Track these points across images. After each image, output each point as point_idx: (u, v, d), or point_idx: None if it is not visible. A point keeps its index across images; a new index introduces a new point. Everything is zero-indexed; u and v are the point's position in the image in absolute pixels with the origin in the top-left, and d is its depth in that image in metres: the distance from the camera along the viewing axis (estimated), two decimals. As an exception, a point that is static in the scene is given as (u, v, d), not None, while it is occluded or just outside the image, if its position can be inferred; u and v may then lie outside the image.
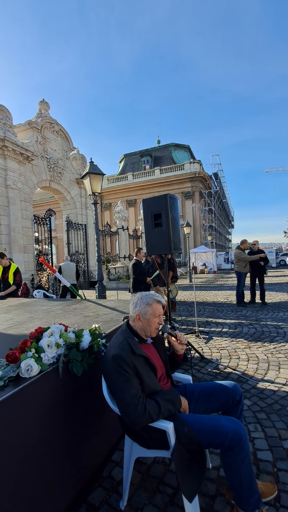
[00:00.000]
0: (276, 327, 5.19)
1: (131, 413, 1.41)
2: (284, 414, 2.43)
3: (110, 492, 1.72)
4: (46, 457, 1.40)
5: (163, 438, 1.45)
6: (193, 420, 1.50)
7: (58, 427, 1.51)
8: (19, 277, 4.82)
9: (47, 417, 1.43)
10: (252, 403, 2.65)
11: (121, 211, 18.91)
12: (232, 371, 3.40)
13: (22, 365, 1.37)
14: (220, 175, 33.39)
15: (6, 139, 10.15)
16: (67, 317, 2.76)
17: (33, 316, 2.88)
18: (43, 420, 1.40)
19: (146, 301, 1.67)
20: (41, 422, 1.39)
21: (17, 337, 2.07)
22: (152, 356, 1.70)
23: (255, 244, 7.95)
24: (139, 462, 1.94)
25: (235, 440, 1.37)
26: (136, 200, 31.40)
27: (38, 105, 13.23)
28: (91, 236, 15.29)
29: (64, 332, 1.71)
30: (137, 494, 1.69)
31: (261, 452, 1.99)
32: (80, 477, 1.66)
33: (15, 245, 10.61)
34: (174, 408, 1.52)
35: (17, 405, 1.24)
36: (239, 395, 1.70)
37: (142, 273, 5.90)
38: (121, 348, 1.55)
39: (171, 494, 1.68)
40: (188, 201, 28.48)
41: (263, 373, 3.28)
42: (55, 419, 1.49)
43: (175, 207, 3.71)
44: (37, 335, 1.63)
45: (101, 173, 6.33)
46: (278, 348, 4.09)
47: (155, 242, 3.64)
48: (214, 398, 1.71)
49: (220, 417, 1.51)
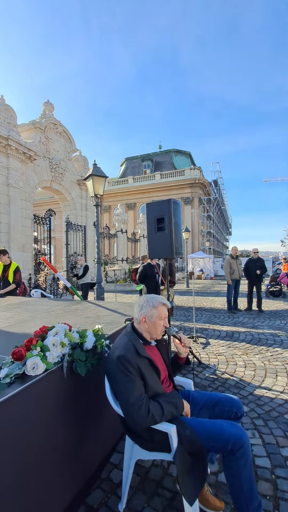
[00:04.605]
0: (273, 335, 5.22)
1: (134, 414, 1.41)
2: (282, 422, 2.44)
3: (109, 494, 1.71)
4: (47, 457, 1.40)
5: (165, 441, 1.45)
6: (195, 424, 1.51)
7: (60, 427, 1.51)
8: (19, 276, 4.81)
9: (50, 416, 1.43)
10: (250, 409, 2.66)
11: (120, 214, 18.96)
12: (229, 377, 3.41)
13: (28, 363, 1.37)
14: (219, 182, 33.67)
15: (10, 138, 10.17)
16: (68, 317, 2.76)
17: (33, 315, 2.87)
18: (46, 419, 1.40)
19: (152, 304, 1.69)
20: (44, 421, 1.39)
21: (19, 336, 2.06)
22: (156, 358, 1.71)
23: (255, 253, 8.01)
24: (138, 465, 1.93)
25: (238, 445, 1.38)
26: (136, 204, 31.51)
27: (43, 106, 13.28)
28: (90, 237, 15.27)
29: (68, 332, 1.72)
30: (136, 497, 1.69)
31: (259, 459, 2.00)
32: (79, 478, 1.66)
33: (14, 244, 10.57)
34: (177, 411, 1.53)
35: (23, 403, 1.24)
36: (241, 412, 1.70)
37: (145, 278, 5.93)
38: (126, 349, 1.55)
39: (170, 498, 1.68)
40: (187, 207, 28.63)
41: (260, 380, 3.30)
42: (58, 418, 1.49)
43: (178, 212, 3.74)
44: (42, 334, 1.63)
45: (104, 176, 6.36)
46: (275, 355, 4.11)
47: (157, 246, 3.66)
48: (218, 409, 1.70)
49: (222, 421, 1.52)
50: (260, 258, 7.98)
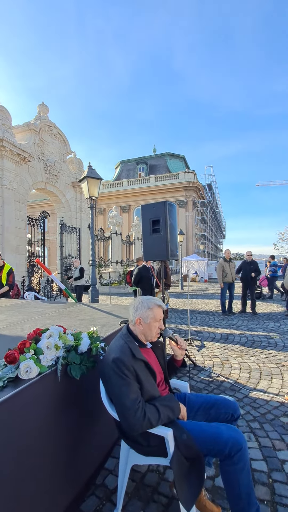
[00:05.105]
0: (267, 337, 5.24)
1: (130, 418, 1.38)
2: (277, 425, 2.43)
3: (104, 501, 1.67)
4: (40, 463, 1.36)
5: (162, 445, 1.42)
6: (192, 427, 1.48)
7: (54, 432, 1.47)
8: (12, 278, 4.73)
9: (43, 420, 1.39)
10: (245, 412, 2.65)
11: (115, 217, 18.93)
12: (224, 379, 3.40)
13: (21, 366, 1.34)
14: (213, 185, 33.95)
15: (4, 139, 10.08)
16: (62, 319, 2.72)
17: (27, 317, 2.82)
18: (40, 424, 1.36)
19: (147, 305, 1.66)
20: (37, 426, 1.35)
21: (12, 338, 2.02)
22: (152, 361, 1.69)
23: (249, 255, 8.07)
24: (133, 470, 1.90)
25: (235, 448, 1.36)
26: (130, 206, 31.52)
27: (38, 108, 13.24)
28: (84, 240, 15.19)
29: (63, 334, 1.68)
30: (131, 503, 1.65)
31: (256, 462, 1.98)
32: (74, 484, 1.62)
33: (8, 246, 10.44)
34: (173, 415, 1.50)
35: (16, 407, 1.20)
36: (237, 413, 1.68)
37: (140, 280, 5.91)
38: (122, 351, 1.53)
39: (166, 504, 1.64)
40: (182, 210, 28.76)
41: (256, 383, 3.29)
42: (52, 423, 1.45)
43: (173, 214, 3.74)
44: (36, 336, 1.59)
45: (99, 178, 6.34)
46: (270, 358, 4.11)
47: (152, 247, 3.64)
48: (214, 411, 1.68)
49: (220, 424, 1.50)
50: (254, 261, 8.04)
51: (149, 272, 5.83)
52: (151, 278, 5.86)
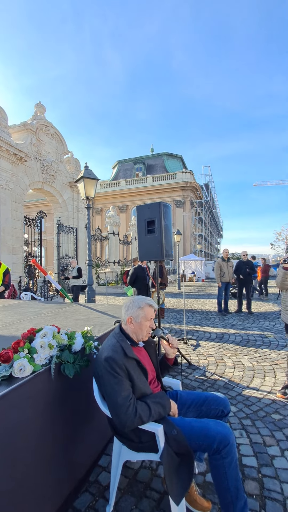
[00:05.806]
0: (261, 336, 5.30)
1: (121, 415, 1.42)
2: (269, 421, 2.48)
3: (97, 497, 1.70)
4: (34, 461, 1.39)
5: (153, 441, 1.46)
6: (182, 423, 1.52)
7: (48, 430, 1.50)
8: (8, 278, 4.75)
9: (37, 418, 1.42)
10: (238, 409, 2.70)
11: (112, 217, 18.93)
12: (218, 378, 3.44)
13: (15, 365, 1.37)
14: (211, 185, 34.07)
15: (1, 139, 10.06)
16: (57, 319, 2.74)
17: (22, 317, 2.84)
18: (33, 422, 1.39)
19: (138, 305, 1.70)
20: (31, 424, 1.38)
21: (6, 338, 2.04)
22: (144, 359, 1.72)
23: (245, 255, 8.13)
24: (126, 467, 1.94)
25: (223, 443, 1.40)
26: (128, 206, 31.53)
27: (35, 108, 13.20)
28: (82, 240, 15.19)
29: (57, 334, 1.71)
30: (124, 499, 1.68)
31: (246, 458, 2.02)
32: (67, 481, 1.65)
33: (4, 246, 10.42)
34: (164, 411, 1.54)
35: (10, 405, 1.24)
36: (228, 409, 1.73)
37: (136, 280, 5.95)
38: (114, 350, 1.56)
39: (158, 499, 1.68)
40: (179, 210, 28.82)
41: (249, 381, 3.34)
42: (45, 421, 1.48)
43: (168, 214, 3.78)
44: (30, 336, 1.62)
45: (95, 178, 6.36)
46: (264, 356, 4.17)
47: (147, 248, 3.68)
48: (205, 407, 1.73)
49: (209, 420, 1.54)
50: (249, 261, 8.11)
51: (144, 272, 5.87)
52: (146, 278, 5.90)
